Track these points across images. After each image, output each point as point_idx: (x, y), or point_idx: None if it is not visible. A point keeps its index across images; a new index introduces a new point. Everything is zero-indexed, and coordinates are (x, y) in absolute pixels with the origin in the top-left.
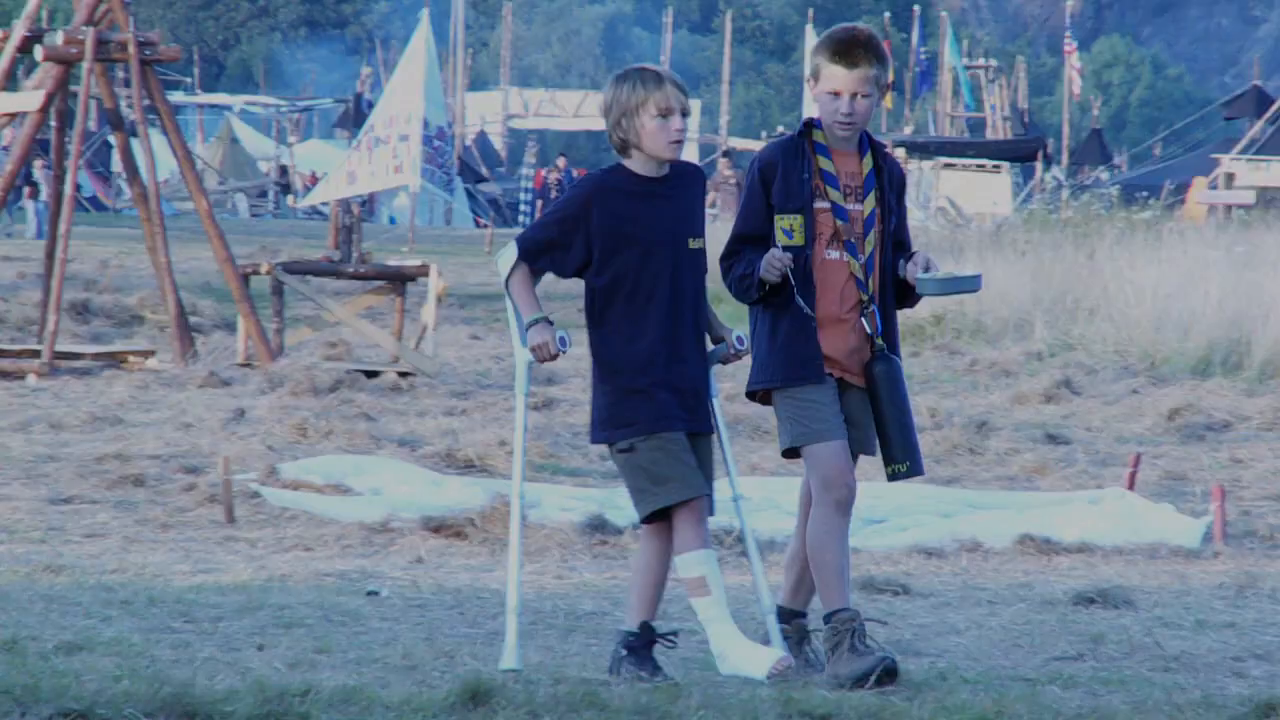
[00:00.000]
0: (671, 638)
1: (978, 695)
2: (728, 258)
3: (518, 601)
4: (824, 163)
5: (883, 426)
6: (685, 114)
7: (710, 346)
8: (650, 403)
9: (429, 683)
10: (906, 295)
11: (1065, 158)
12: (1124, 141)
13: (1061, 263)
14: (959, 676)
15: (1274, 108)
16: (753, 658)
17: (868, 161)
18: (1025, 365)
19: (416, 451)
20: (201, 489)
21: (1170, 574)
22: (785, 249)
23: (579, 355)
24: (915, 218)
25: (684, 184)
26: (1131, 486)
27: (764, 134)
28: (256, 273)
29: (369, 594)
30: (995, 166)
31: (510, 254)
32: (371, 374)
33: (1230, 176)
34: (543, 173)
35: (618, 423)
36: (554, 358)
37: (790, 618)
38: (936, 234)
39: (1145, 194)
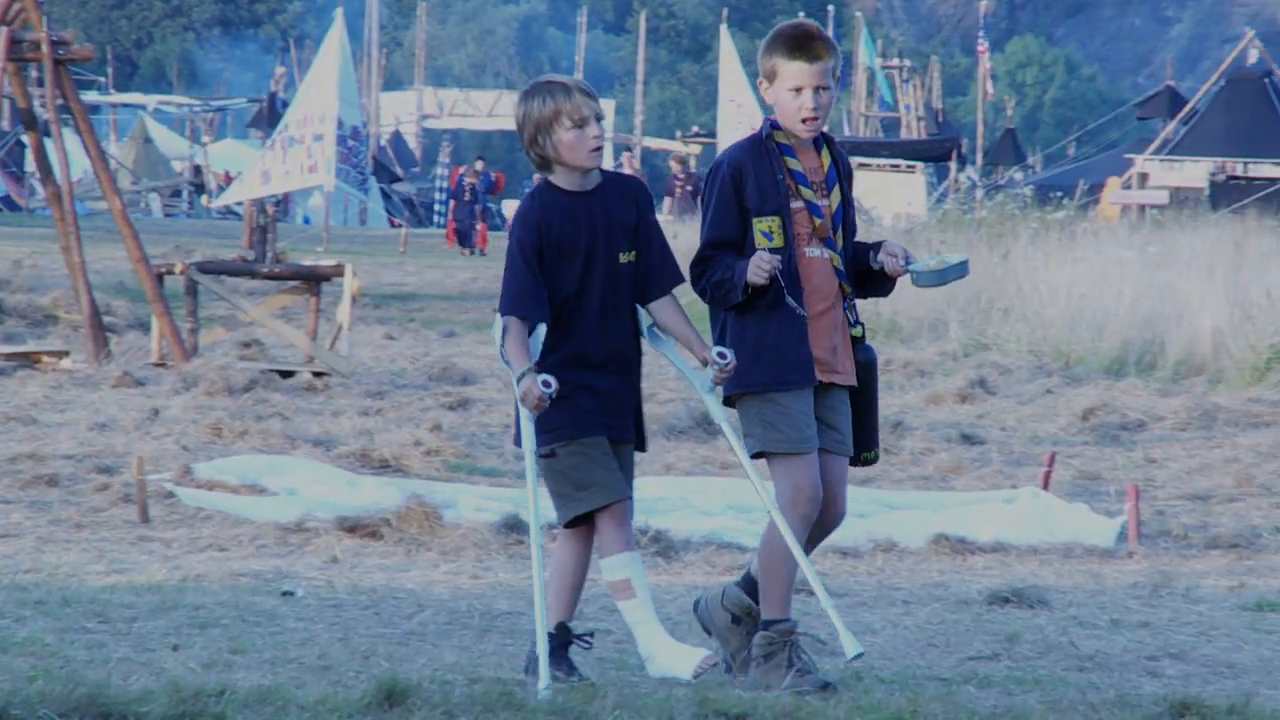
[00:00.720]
0: (588, 639)
1: (893, 695)
2: (700, 264)
3: (544, 629)
4: (792, 162)
5: (864, 416)
6: (600, 119)
7: (697, 365)
8: (571, 408)
9: (344, 683)
10: (872, 285)
11: (979, 158)
12: (1038, 141)
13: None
14: (874, 676)
15: (1187, 108)
16: (678, 658)
17: (825, 155)
18: (940, 365)
19: (331, 451)
20: (116, 489)
21: (1085, 573)
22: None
23: (495, 355)
24: None
25: (614, 196)
26: (1046, 486)
27: (679, 134)
28: (171, 272)
29: (284, 594)
30: (910, 166)
31: (499, 324)
32: (286, 374)
33: (1144, 177)
34: (460, 170)
35: (539, 428)
36: (542, 401)
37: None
38: None
39: (1059, 194)
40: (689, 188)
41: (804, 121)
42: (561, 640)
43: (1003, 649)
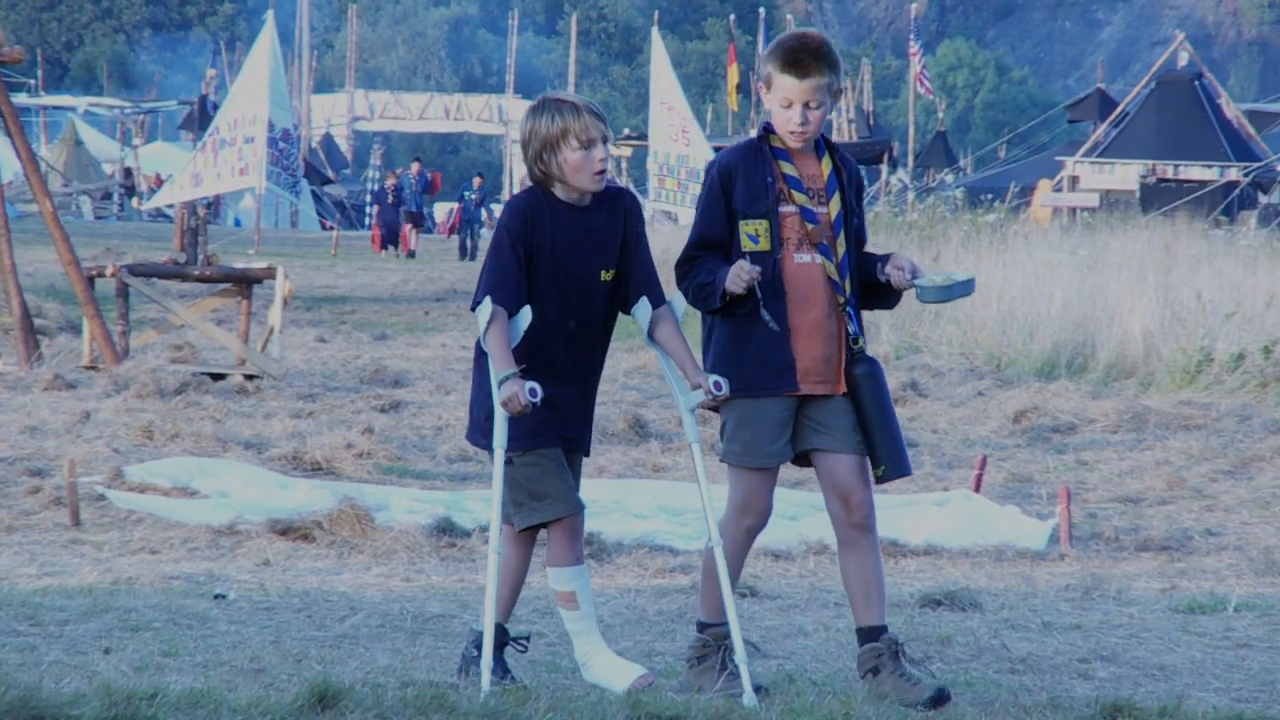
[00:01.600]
0: (523, 642)
1: (825, 698)
2: (685, 263)
3: (492, 632)
4: (786, 167)
5: (868, 430)
6: (606, 141)
7: (688, 389)
8: (529, 418)
9: (277, 686)
10: (877, 297)
11: (911, 160)
12: (969, 144)
13: None
14: (807, 679)
15: (1117, 110)
16: (615, 671)
17: (827, 163)
18: None
19: (263, 454)
20: (47, 492)
21: (1017, 576)
22: (751, 254)
23: (427, 358)
24: None
25: (605, 212)
26: (978, 489)
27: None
28: (102, 275)
29: (216, 597)
30: None
31: (487, 308)
32: (218, 376)
33: (1075, 179)
34: (398, 172)
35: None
36: (525, 408)
37: (877, 634)
38: None
39: (990, 196)
40: None
41: (789, 134)
42: (497, 642)
43: (935, 651)
